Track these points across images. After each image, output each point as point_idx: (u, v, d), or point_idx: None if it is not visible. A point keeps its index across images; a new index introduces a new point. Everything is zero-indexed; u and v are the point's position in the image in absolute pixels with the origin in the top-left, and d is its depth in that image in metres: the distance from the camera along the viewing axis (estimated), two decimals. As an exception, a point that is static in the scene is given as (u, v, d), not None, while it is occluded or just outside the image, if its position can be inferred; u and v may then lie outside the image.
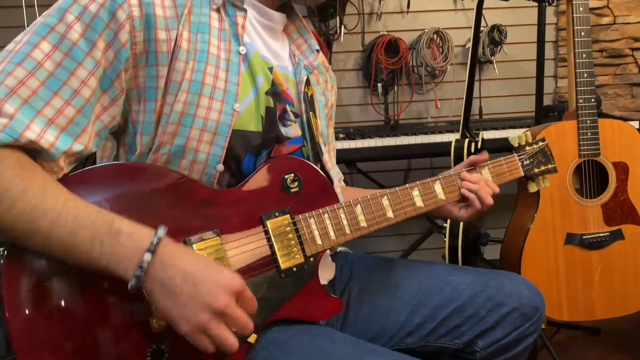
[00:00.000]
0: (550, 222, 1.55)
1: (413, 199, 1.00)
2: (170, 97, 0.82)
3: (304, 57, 1.03)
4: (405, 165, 2.76)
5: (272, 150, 0.93)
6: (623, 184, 1.58)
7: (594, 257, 1.56)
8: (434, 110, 2.71)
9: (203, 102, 0.84)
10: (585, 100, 1.55)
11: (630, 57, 2.63)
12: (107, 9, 0.76)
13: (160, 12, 0.81)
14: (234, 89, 0.87)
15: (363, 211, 0.94)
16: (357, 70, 2.67)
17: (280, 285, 0.86)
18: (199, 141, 0.84)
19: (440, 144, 2.20)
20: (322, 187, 0.93)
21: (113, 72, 0.78)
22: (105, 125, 0.81)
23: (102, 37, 0.76)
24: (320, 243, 0.90)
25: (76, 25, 0.75)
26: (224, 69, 0.87)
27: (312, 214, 0.90)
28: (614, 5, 2.59)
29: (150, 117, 0.83)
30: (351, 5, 2.58)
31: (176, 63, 0.82)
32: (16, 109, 0.70)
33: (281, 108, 0.95)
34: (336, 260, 1.11)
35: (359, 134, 2.30)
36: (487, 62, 2.67)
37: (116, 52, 0.78)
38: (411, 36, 2.62)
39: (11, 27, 2.43)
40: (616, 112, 2.65)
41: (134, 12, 0.78)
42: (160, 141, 0.83)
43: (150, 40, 0.80)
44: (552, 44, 2.73)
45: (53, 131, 0.73)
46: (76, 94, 0.75)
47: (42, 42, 0.74)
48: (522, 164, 1.13)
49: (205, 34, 0.86)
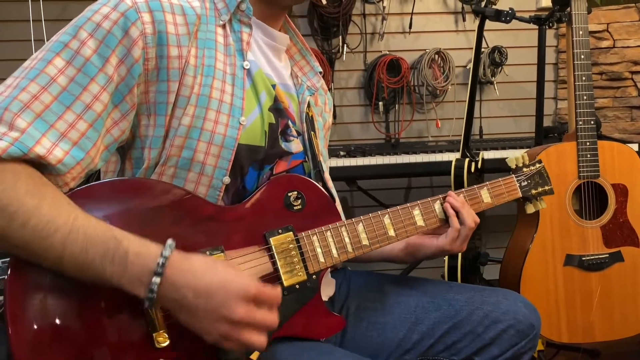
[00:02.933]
0: (550, 243, 1.55)
1: (414, 218, 1.00)
2: (179, 111, 0.84)
3: (307, 79, 1.05)
4: (405, 184, 2.77)
5: (275, 165, 0.94)
6: (622, 206, 1.58)
7: (594, 279, 1.56)
8: (435, 130, 2.73)
9: (210, 116, 0.85)
10: (585, 123, 1.56)
11: (629, 80, 2.65)
12: (120, 26, 0.78)
13: (173, 29, 0.83)
14: (239, 103, 0.89)
15: (365, 229, 0.95)
16: (359, 88, 2.69)
17: (283, 302, 0.84)
18: (206, 154, 0.85)
19: (440, 163, 2.21)
20: (325, 204, 0.94)
21: (125, 87, 0.80)
22: (115, 139, 0.82)
23: (114, 53, 0.78)
24: (322, 260, 0.90)
25: (89, 41, 0.77)
26: (230, 83, 0.89)
27: (314, 231, 0.90)
28: (613, 29, 2.62)
29: (160, 131, 0.84)
30: (354, 25, 2.61)
31: (185, 78, 0.84)
32: (29, 123, 0.71)
33: (283, 124, 0.96)
34: (335, 277, 1.11)
35: (360, 151, 2.31)
36: (488, 83, 2.70)
37: (129, 67, 0.79)
38: (413, 56, 2.65)
39: (19, 40, 2.46)
40: (616, 134, 2.66)
41: (147, 29, 0.80)
42: (168, 154, 0.84)
43: (163, 56, 0.82)
44: (553, 66, 2.76)
45: (65, 145, 0.74)
46: (88, 109, 0.76)
47: (55, 58, 0.75)
48: (520, 185, 1.14)
49: (211, 49, 0.88)
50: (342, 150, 2.32)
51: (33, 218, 0.67)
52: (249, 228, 0.86)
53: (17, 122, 0.70)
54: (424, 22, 2.68)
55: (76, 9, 2.43)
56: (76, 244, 0.68)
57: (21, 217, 0.67)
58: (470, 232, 1.01)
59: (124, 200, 0.77)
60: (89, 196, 0.75)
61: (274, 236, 0.87)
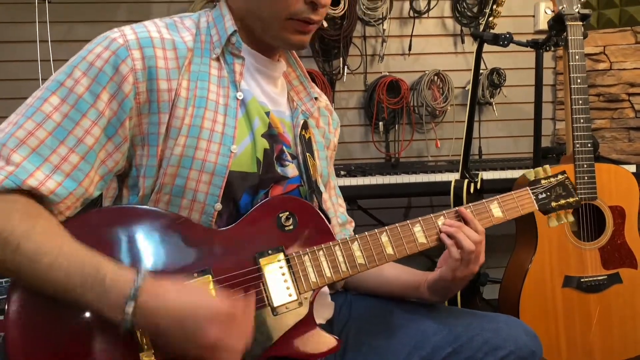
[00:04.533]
0: (548, 264, 1.57)
1: (415, 235, 0.98)
2: (171, 141, 0.87)
3: (302, 103, 1.07)
4: (405, 203, 2.78)
5: (270, 190, 0.96)
6: (620, 227, 1.60)
7: (592, 300, 1.57)
8: (434, 150, 2.76)
9: (201, 145, 0.88)
10: (582, 145, 1.58)
11: (626, 101, 2.68)
12: (111, 64, 0.83)
13: (162, 63, 0.87)
14: (231, 131, 0.91)
15: (360, 247, 0.94)
16: (359, 108, 2.72)
17: (273, 322, 0.86)
18: (197, 182, 0.88)
19: (440, 183, 2.22)
20: (318, 225, 0.94)
21: (117, 121, 0.84)
22: (110, 170, 0.87)
23: (105, 89, 0.83)
24: (315, 280, 0.90)
25: (83, 79, 0.83)
26: (222, 113, 0.92)
27: (306, 251, 0.91)
28: (610, 52, 2.66)
29: (153, 161, 0.88)
30: (354, 46, 2.65)
31: (176, 110, 0.87)
32: (23, 157, 0.77)
33: (278, 149, 0.98)
34: (335, 300, 1.12)
35: (360, 171, 2.33)
36: (487, 104, 2.73)
37: (120, 102, 0.84)
38: (412, 77, 2.69)
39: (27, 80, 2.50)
40: (613, 155, 2.69)
41: (137, 65, 0.84)
42: (162, 182, 0.88)
43: (153, 90, 0.86)
44: (551, 88, 2.79)
45: (58, 177, 0.79)
46: (80, 142, 0.82)
47: (51, 97, 0.81)
48: (537, 198, 1.08)
49: (204, 81, 0.91)
50: (342, 169, 2.34)
51: (23, 244, 0.73)
52: (240, 250, 0.88)
53: (12, 157, 0.77)
54: (424, 44, 2.72)
55: (81, 29, 2.48)
56: (60, 270, 0.73)
57: (13, 242, 0.73)
58: (470, 255, 0.97)
59: (115, 227, 0.82)
60: (82, 224, 0.81)
61: (264, 257, 0.88)
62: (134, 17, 2.55)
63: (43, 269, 0.73)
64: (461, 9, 2.66)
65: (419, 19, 2.68)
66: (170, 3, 2.58)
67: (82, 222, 0.82)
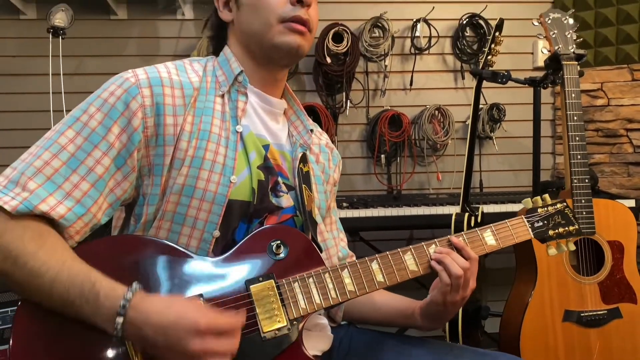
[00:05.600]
0: (548, 298, 1.58)
1: (405, 262, 0.99)
2: (174, 171, 0.94)
3: (300, 137, 1.12)
4: (407, 235, 2.80)
5: (265, 219, 1.00)
6: (619, 262, 1.62)
7: (593, 335, 1.58)
8: (436, 182, 2.79)
9: (203, 175, 0.94)
10: (580, 181, 1.61)
11: (625, 137, 2.72)
12: (122, 100, 0.91)
13: (170, 101, 0.94)
14: (231, 163, 0.97)
15: (350, 275, 0.96)
16: (362, 141, 2.77)
17: (262, 348, 0.88)
18: (198, 209, 0.94)
19: (441, 215, 2.24)
20: (309, 253, 0.96)
21: (126, 152, 0.91)
22: (118, 198, 0.93)
23: (116, 123, 0.91)
24: (304, 307, 0.92)
25: (96, 114, 0.91)
26: (223, 145, 0.98)
27: (296, 277, 0.93)
28: (607, 88, 2.72)
29: (157, 189, 0.94)
30: (357, 81, 2.72)
31: (180, 143, 0.94)
32: (38, 185, 0.85)
33: (273, 181, 1.02)
34: (336, 332, 1.13)
35: (362, 203, 2.36)
36: (487, 138, 2.78)
37: (129, 135, 0.91)
38: (413, 111, 2.74)
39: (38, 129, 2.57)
40: (613, 189, 2.71)
41: (146, 102, 0.92)
42: (164, 210, 0.94)
43: (160, 124, 0.93)
44: (550, 122, 2.84)
45: (68, 202, 0.86)
46: (91, 171, 0.89)
47: (67, 130, 0.90)
48: (532, 226, 1.09)
49: (208, 116, 0.98)
50: (345, 201, 2.37)
51: (30, 261, 0.80)
52: (232, 277, 0.91)
53: (28, 184, 0.85)
54: (424, 79, 2.79)
55: (91, 63, 2.56)
56: (61, 285, 0.80)
57: (21, 259, 0.81)
58: (459, 280, 0.98)
59: (115, 255, 0.88)
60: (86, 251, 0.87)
61: (255, 284, 0.91)
62: (143, 51, 2.63)
63: (47, 284, 0.80)
64: (461, 46, 2.74)
65: (419, 56, 2.75)
66: (178, 39, 2.66)
67: (88, 249, 0.88)
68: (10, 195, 0.83)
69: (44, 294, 0.80)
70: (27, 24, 2.56)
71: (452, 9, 2.75)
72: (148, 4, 2.62)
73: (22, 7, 2.53)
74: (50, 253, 0.82)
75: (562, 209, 1.11)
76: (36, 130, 0.91)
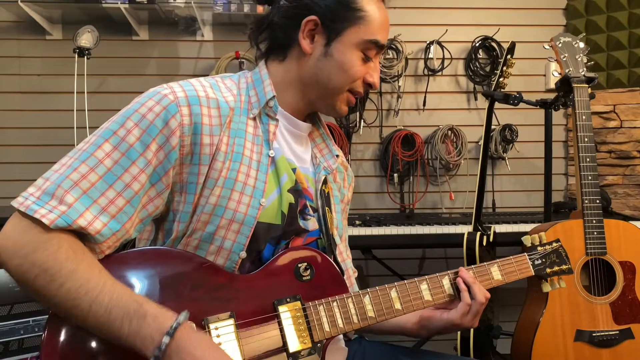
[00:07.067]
0: (560, 319, 1.58)
1: (421, 292, 1.05)
2: (207, 190, 0.95)
3: (324, 160, 1.15)
4: (420, 254, 2.82)
5: (291, 241, 1.03)
6: (630, 283, 1.62)
7: (605, 356, 1.57)
8: (449, 202, 2.81)
9: (234, 197, 0.96)
10: (591, 202, 1.63)
11: (638, 159, 2.72)
12: (162, 118, 0.91)
13: (207, 120, 0.95)
14: (262, 186, 1.00)
15: (371, 301, 1.00)
16: (375, 160, 2.81)
17: None
18: (227, 230, 0.96)
19: (454, 234, 2.25)
20: (333, 277, 1.01)
21: (162, 169, 0.92)
22: (150, 214, 0.94)
23: (155, 140, 0.91)
24: (328, 330, 0.95)
25: (134, 130, 0.90)
26: (255, 168, 1.00)
27: (321, 301, 0.96)
28: (620, 111, 2.73)
29: (189, 207, 0.96)
30: (370, 101, 2.77)
31: (215, 163, 0.96)
32: (76, 199, 0.84)
33: (302, 204, 1.06)
34: (350, 346, 1.16)
35: (375, 221, 2.38)
36: (500, 159, 2.80)
37: (167, 153, 0.92)
38: (426, 131, 2.78)
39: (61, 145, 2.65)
40: (627, 211, 2.71)
41: (185, 121, 0.93)
42: (194, 228, 0.95)
43: (197, 144, 0.94)
44: (562, 144, 2.86)
45: (104, 218, 0.86)
46: (127, 187, 0.88)
47: (105, 144, 0.88)
48: (533, 264, 1.16)
49: (241, 138, 1.00)
50: (357, 219, 2.40)
51: (68, 282, 0.80)
52: (260, 296, 0.94)
53: (66, 198, 0.83)
54: (437, 100, 2.83)
55: (113, 82, 2.64)
56: (101, 306, 0.79)
57: (59, 279, 0.80)
58: (481, 307, 1.05)
59: (149, 267, 0.90)
60: (121, 262, 0.88)
61: (282, 304, 0.94)
62: (163, 71, 2.72)
63: (85, 305, 0.79)
64: (474, 68, 2.78)
65: (433, 77, 2.80)
66: (197, 59, 2.74)
67: (120, 260, 0.89)
68: (46, 208, 0.81)
69: (80, 314, 0.80)
70: (53, 44, 2.66)
71: (465, 32, 2.80)
72: (169, 25, 2.71)
73: (49, 28, 2.63)
74: (88, 274, 0.81)
75: (557, 248, 1.19)
76: (60, 147, 0.93)
